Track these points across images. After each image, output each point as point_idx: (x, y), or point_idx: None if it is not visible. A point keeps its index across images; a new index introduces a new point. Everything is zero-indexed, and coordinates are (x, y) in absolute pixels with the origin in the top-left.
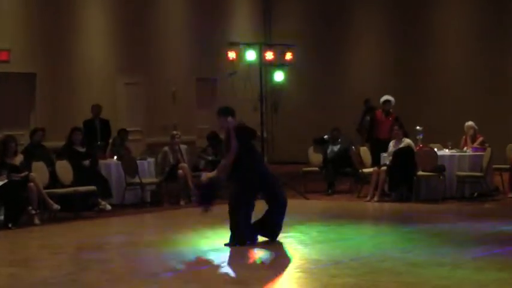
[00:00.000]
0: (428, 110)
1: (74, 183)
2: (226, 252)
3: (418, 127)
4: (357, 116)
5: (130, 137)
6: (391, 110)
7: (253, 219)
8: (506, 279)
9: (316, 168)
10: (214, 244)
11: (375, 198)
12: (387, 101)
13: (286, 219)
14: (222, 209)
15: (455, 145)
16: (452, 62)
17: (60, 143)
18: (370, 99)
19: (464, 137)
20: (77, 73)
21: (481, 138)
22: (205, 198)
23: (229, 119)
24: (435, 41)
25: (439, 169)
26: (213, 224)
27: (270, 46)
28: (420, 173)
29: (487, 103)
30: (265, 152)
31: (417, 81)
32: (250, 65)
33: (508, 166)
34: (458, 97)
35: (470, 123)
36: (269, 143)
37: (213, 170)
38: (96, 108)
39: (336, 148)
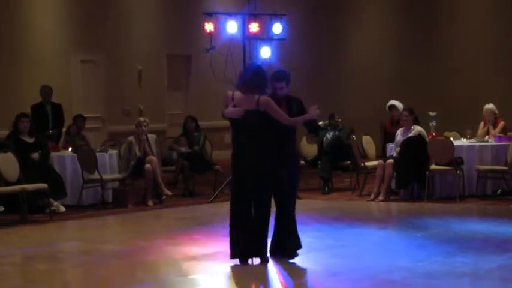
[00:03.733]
0: (442, 92)
1: (21, 180)
2: (203, 262)
3: (430, 112)
4: (357, 98)
5: (88, 125)
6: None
7: None
8: None
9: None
10: (188, 252)
11: (380, 197)
12: (392, 106)
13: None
14: (194, 210)
15: (475, 133)
16: (469, 37)
17: (4, 133)
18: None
19: (482, 123)
20: (22, 48)
21: (502, 123)
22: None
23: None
24: (451, 14)
25: (456, 162)
26: (187, 228)
27: (254, 16)
28: (433, 166)
29: (510, 83)
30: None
31: (428, 58)
32: (231, 39)
33: None
34: (477, 77)
35: (490, 106)
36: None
37: (189, 164)
38: (47, 91)
39: (330, 136)
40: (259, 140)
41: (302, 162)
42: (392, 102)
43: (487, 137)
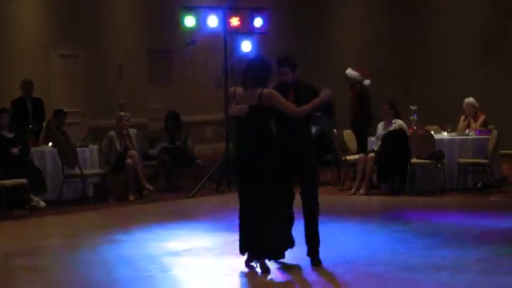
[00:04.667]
0: (423, 86)
1: (1, 176)
2: (184, 257)
3: (412, 106)
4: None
5: (68, 120)
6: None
7: None
8: None
9: None
10: (170, 247)
11: (361, 191)
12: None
13: None
14: (176, 204)
15: (456, 127)
16: (451, 33)
17: None
18: None
19: (463, 116)
20: (2, 42)
21: (483, 117)
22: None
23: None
24: (434, 9)
25: (437, 156)
26: (168, 223)
27: (235, 10)
28: (414, 160)
29: (492, 78)
30: (231, 137)
31: (411, 51)
32: (212, 33)
33: None
34: (458, 70)
35: (470, 99)
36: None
37: (169, 158)
38: (27, 85)
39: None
40: (264, 134)
41: None
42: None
43: (467, 130)
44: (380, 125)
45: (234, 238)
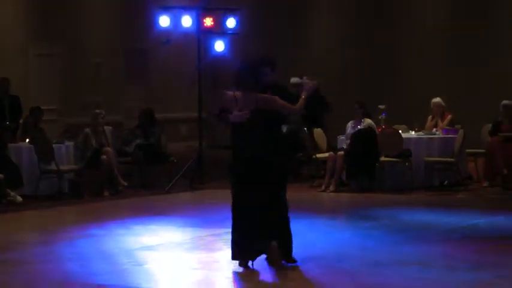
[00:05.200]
0: (392, 87)
1: None
2: (159, 251)
3: (380, 106)
4: None
5: (45, 117)
6: None
7: None
8: (482, 280)
9: None
10: (145, 242)
11: (331, 188)
12: None
13: (226, 214)
14: (150, 200)
15: (423, 126)
16: (420, 35)
17: None
18: None
19: (430, 116)
20: None
21: (449, 117)
22: None
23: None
24: (402, 11)
25: (405, 154)
26: (143, 218)
27: (209, 11)
28: (383, 158)
29: (459, 78)
30: (204, 135)
31: (380, 52)
32: (186, 33)
33: (483, 151)
34: (426, 71)
35: (437, 99)
36: (208, 124)
37: (143, 155)
38: (4, 83)
39: (285, 129)
40: (266, 137)
41: None
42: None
43: (434, 129)
44: (349, 124)
45: (205, 233)
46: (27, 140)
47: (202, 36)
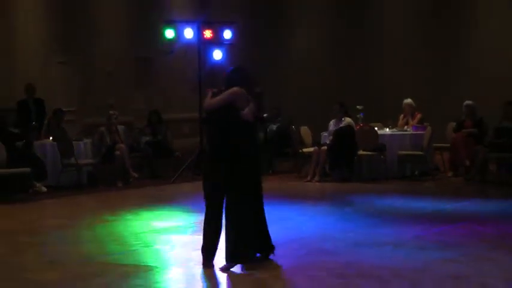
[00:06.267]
0: (369, 89)
1: (8, 165)
2: (165, 234)
3: (358, 106)
4: (296, 93)
5: (66, 118)
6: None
7: None
8: (447, 258)
9: None
10: (152, 226)
11: (316, 178)
12: None
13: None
14: (157, 190)
15: (396, 124)
16: (394, 42)
17: None
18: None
19: (402, 115)
20: (9, 51)
21: (419, 115)
22: None
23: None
24: (378, 16)
25: (380, 148)
26: (151, 205)
27: (208, 24)
28: (361, 152)
29: (426, 80)
30: (204, 132)
31: (358, 60)
32: (188, 43)
33: (448, 145)
34: (398, 76)
35: (408, 100)
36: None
37: (153, 150)
38: (30, 88)
39: (275, 127)
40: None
41: None
42: None
43: (406, 127)
44: (332, 122)
45: None
46: (51, 138)
47: (202, 46)
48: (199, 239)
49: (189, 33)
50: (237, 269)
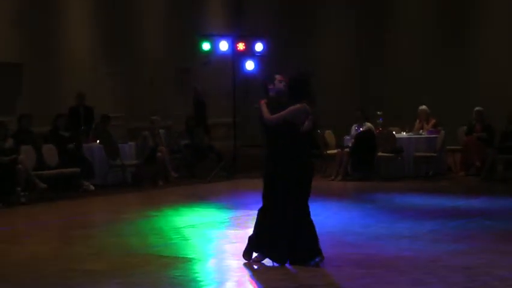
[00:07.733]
0: (387, 96)
1: (60, 165)
2: (202, 229)
3: (378, 112)
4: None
5: (112, 122)
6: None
7: None
8: (459, 250)
9: None
10: (190, 221)
11: (339, 178)
12: None
13: (257, 198)
14: (195, 188)
15: (412, 128)
16: (405, 47)
17: (46, 129)
18: None
19: (418, 120)
20: (61, 64)
21: (433, 121)
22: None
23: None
24: (390, 26)
25: (398, 150)
26: (189, 202)
27: (241, 37)
28: (380, 154)
29: (440, 87)
30: (239, 135)
31: (380, 69)
32: (223, 55)
33: (460, 147)
34: (415, 83)
35: (423, 107)
36: (242, 127)
37: (190, 152)
38: (80, 96)
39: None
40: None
41: None
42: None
43: (421, 131)
44: (353, 127)
45: (240, 214)
46: (98, 141)
47: (236, 57)
48: (232, 233)
49: (224, 45)
50: (267, 261)
